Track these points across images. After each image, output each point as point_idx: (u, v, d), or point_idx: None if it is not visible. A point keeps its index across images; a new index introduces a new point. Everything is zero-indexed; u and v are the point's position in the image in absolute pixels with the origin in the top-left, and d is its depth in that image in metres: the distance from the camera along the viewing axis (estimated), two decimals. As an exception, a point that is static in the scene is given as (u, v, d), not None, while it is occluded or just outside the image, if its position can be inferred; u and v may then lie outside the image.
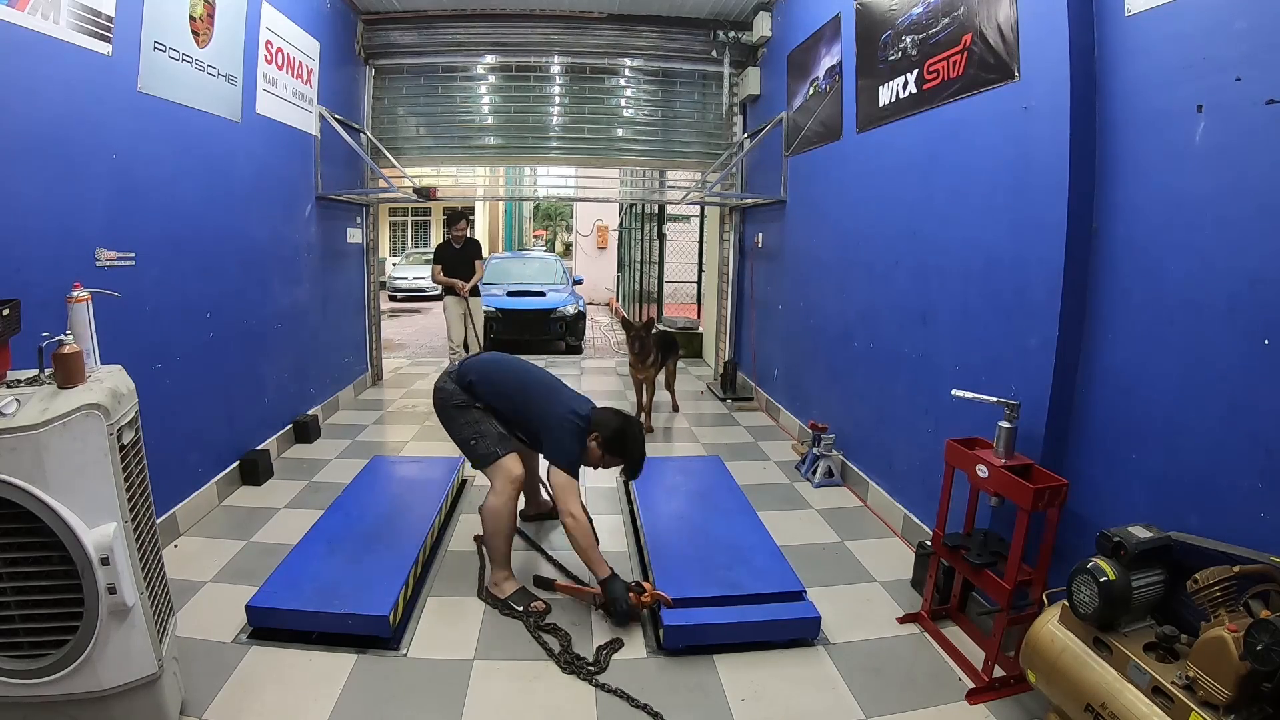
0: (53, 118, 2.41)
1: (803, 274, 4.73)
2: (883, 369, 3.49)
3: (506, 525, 2.52)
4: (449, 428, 2.64)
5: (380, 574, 2.50)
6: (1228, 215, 1.75)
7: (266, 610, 2.31)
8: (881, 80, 3.43)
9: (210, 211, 3.39)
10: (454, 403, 2.60)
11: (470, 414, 2.58)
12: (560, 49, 5.95)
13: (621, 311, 10.98)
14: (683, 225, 10.74)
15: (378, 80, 5.92)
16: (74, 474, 1.53)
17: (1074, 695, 1.70)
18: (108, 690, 1.64)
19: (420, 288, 16.48)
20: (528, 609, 2.47)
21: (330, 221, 5.12)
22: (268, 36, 3.95)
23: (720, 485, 3.53)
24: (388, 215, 23.15)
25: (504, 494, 2.50)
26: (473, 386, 2.60)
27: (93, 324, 1.76)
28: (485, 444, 2.54)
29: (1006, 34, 2.49)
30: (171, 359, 3.07)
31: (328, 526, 2.90)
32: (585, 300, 10.48)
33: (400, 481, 3.57)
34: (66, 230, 2.47)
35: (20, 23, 2.23)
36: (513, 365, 2.76)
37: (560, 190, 9.66)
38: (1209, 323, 1.80)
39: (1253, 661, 1.35)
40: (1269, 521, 1.62)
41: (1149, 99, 1.98)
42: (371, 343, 6.17)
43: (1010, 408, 2.23)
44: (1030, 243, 2.36)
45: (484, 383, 2.61)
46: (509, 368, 2.73)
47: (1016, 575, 2.05)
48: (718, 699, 2.10)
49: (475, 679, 2.16)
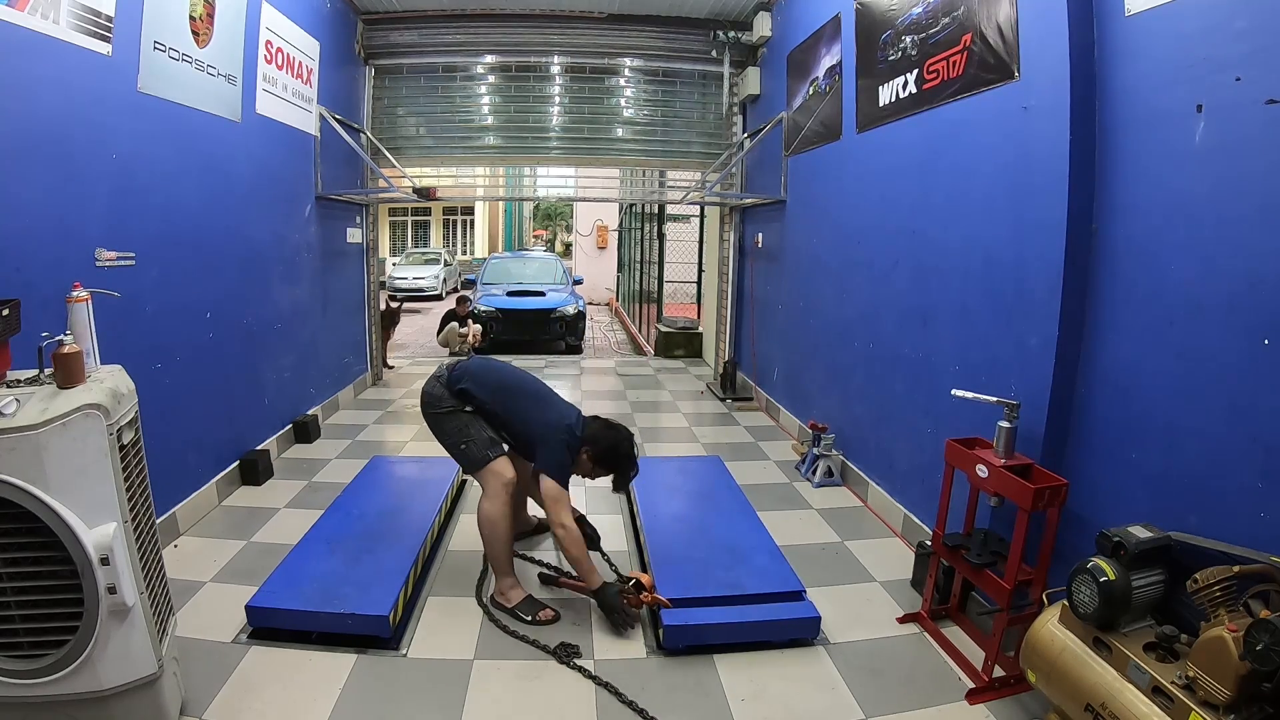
0: (53, 118, 2.41)
1: (803, 274, 4.73)
2: (883, 369, 3.49)
3: (504, 530, 2.48)
4: (437, 432, 2.58)
5: (380, 574, 2.50)
6: (1228, 215, 1.76)
7: (266, 610, 2.31)
8: (881, 80, 3.43)
9: (210, 211, 3.39)
10: (441, 407, 2.54)
11: (459, 418, 2.53)
12: (560, 49, 5.95)
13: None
14: (683, 225, 10.74)
15: (377, 80, 5.92)
16: (74, 474, 1.53)
17: (1074, 695, 1.70)
18: (108, 690, 1.64)
19: (420, 288, 16.50)
20: (536, 618, 2.44)
21: (330, 221, 5.12)
22: (267, 36, 3.95)
23: (720, 485, 3.53)
24: (387, 215, 23.17)
25: (498, 498, 2.46)
26: (465, 393, 2.54)
27: (93, 324, 1.75)
28: (476, 448, 2.49)
29: (1006, 34, 2.49)
30: (171, 359, 3.07)
31: (327, 526, 2.90)
32: (585, 300, 10.49)
33: (400, 481, 3.57)
34: (66, 230, 2.47)
35: (20, 23, 2.22)
36: (505, 372, 2.70)
37: (560, 190, 9.68)
38: (1209, 322, 1.80)
39: (1253, 661, 1.35)
40: (1269, 521, 1.62)
41: (1149, 99, 1.98)
42: (371, 343, 6.17)
43: (1010, 407, 2.23)
44: (1030, 242, 2.36)
45: (477, 389, 2.55)
46: (502, 375, 2.67)
47: (1016, 575, 2.06)
48: (718, 699, 2.10)
49: (475, 679, 2.16)
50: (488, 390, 2.56)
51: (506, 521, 2.48)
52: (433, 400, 2.57)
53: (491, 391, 2.57)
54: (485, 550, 2.55)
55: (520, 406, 2.56)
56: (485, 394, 2.55)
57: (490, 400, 2.55)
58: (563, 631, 2.41)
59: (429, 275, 16.89)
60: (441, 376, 2.61)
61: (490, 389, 2.57)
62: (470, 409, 2.55)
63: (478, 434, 2.51)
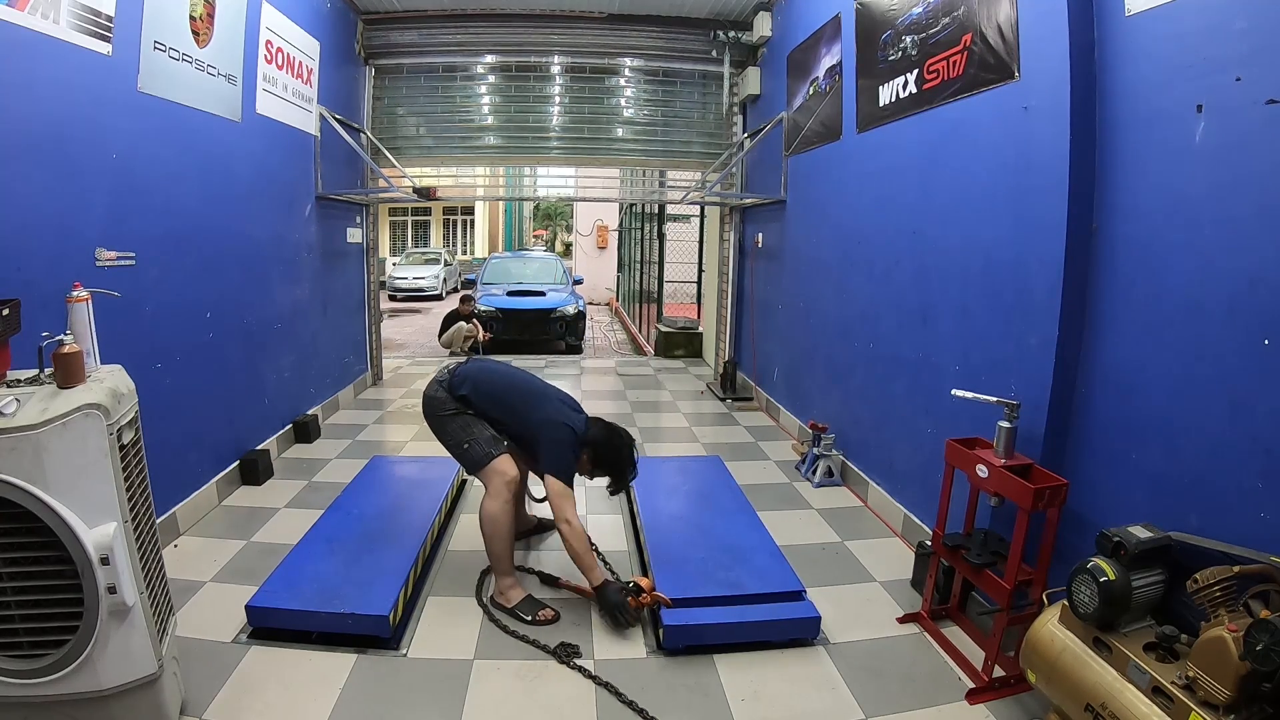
0: (53, 117, 2.40)
1: (803, 274, 4.73)
2: (883, 368, 3.49)
3: (506, 529, 2.48)
4: (439, 435, 2.60)
5: (380, 574, 2.50)
6: (1228, 215, 1.75)
7: (266, 610, 2.31)
8: (881, 80, 3.43)
9: (210, 211, 3.39)
10: (444, 411, 2.56)
11: (461, 419, 2.55)
12: (560, 49, 5.94)
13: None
14: (683, 225, 10.75)
15: (378, 80, 5.91)
16: (74, 474, 1.53)
17: (1074, 695, 1.70)
18: (108, 690, 1.64)
19: (420, 287, 16.50)
20: (536, 618, 2.44)
21: (330, 221, 5.12)
22: (268, 36, 3.95)
23: (720, 485, 3.53)
24: (388, 215, 23.17)
25: (500, 496, 2.46)
26: (466, 399, 2.56)
27: (93, 324, 1.75)
28: (479, 447, 2.50)
29: (1006, 34, 2.49)
30: (171, 359, 3.07)
31: (327, 526, 2.90)
32: (585, 300, 10.49)
33: (400, 481, 3.57)
34: (66, 230, 2.47)
35: (20, 22, 2.22)
36: (505, 374, 2.72)
37: (560, 190, 9.68)
38: (1209, 322, 1.80)
39: (1253, 661, 1.35)
40: (1269, 521, 1.62)
41: (1149, 99, 1.98)
42: (371, 342, 6.17)
43: (1010, 407, 2.23)
44: (1030, 242, 2.36)
45: (478, 394, 2.57)
46: (502, 377, 2.69)
47: (1016, 575, 2.05)
48: (718, 699, 2.10)
49: (475, 679, 2.16)
50: (487, 395, 2.58)
51: (509, 520, 2.49)
52: (435, 404, 2.59)
53: (491, 396, 2.59)
54: (486, 548, 2.54)
55: (521, 408, 2.57)
56: (485, 400, 2.58)
57: (491, 406, 2.57)
58: (563, 631, 2.41)
59: (429, 275, 16.89)
60: (443, 380, 2.63)
61: (490, 394, 2.59)
62: (472, 411, 2.56)
63: (480, 433, 2.53)
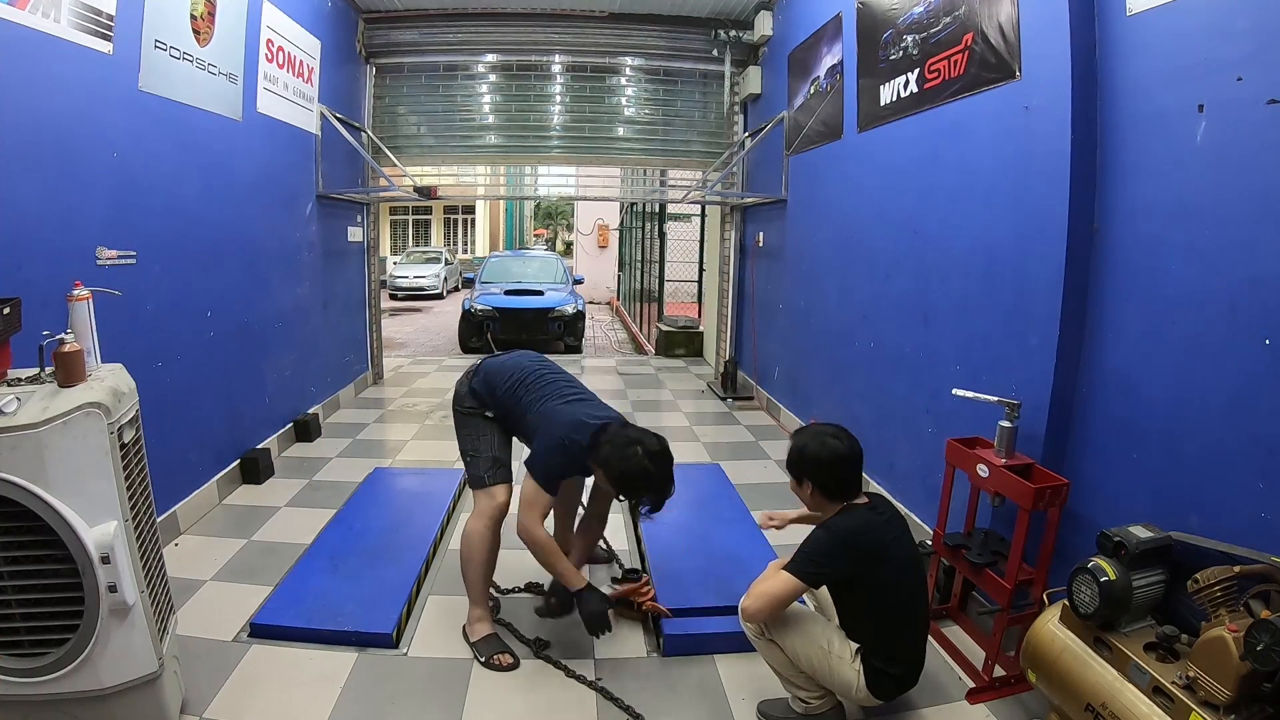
0: (54, 116, 2.41)
1: (804, 273, 4.73)
2: (883, 368, 3.49)
3: (481, 554, 2.29)
4: (456, 433, 2.48)
5: (383, 591, 2.51)
6: (1229, 215, 1.75)
7: (271, 627, 2.32)
8: (882, 79, 3.43)
9: (211, 210, 3.39)
10: (462, 407, 2.44)
11: (473, 423, 2.40)
12: (561, 48, 5.94)
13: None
14: (683, 224, 10.75)
15: (379, 79, 5.91)
16: (75, 472, 1.53)
17: (1074, 695, 1.70)
18: (108, 689, 1.64)
19: (421, 286, 16.50)
20: (490, 660, 2.25)
21: (331, 220, 5.12)
22: (269, 35, 3.95)
23: (720, 494, 3.54)
24: (388, 214, 23.17)
25: (483, 517, 2.28)
26: (477, 393, 2.42)
27: (93, 322, 1.75)
28: (478, 466, 2.34)
29: (1008, 33, 2.49)
30: (172, 357, 3.07)
31: (330, 542, 2.90)
32: (585, 299, 10.45)
33: (402, 494, 3.56)
34: (67, 229, 2.47)
35: (21, 21, 2.22)
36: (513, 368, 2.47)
37: (561, 189, 9.65)
38: (1209, 322, 1.80)
39: (1253, 661, 1.35)
40: (1269, 521, 1.62)
41: (1150, 98, 1.98)
42: (372, 341, 6.17)
43: (1011, 407, 2.23)
44: (1031, 242, 2.35)
45: (486, 389, 2.41)
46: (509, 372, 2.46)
47: (1017, 575, 2.05)
48: (718, 699, 2.10)
49: (475, 679, 2.16)
50: (490, 391, 2.42)
51: (486, 546, 2.29)
52: (456, 397, 2.48)
53: (493, 394, 2.41)
54: (461, 570, 2.34)
55: (515, 407, 2.38)
56: (488, 395, 2.42)
57: (494, 403, 2.41)
58: (563, 629, 2.39)
59: (430, 274, 16.88)
60: (472, 371, 2.51)
61: (492, 390, 2.42)
62: (490, 414, 2.41)
63: (485, 451, 2.36)
